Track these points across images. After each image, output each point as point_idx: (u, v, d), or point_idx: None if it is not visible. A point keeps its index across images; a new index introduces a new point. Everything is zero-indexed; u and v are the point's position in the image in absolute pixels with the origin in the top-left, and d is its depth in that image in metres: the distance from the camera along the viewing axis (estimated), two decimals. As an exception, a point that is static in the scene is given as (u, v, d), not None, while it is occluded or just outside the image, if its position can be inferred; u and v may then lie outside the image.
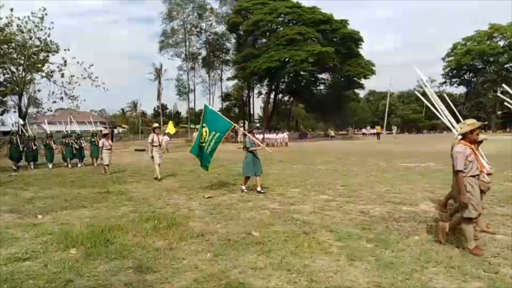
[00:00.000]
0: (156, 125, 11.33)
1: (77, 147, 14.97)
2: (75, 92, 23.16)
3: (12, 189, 9.22)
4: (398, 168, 12.46)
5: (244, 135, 8.64)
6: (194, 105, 61.71)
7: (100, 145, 12.37)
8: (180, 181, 10.04)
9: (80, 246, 4.37)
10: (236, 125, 8.98)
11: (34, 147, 14.39)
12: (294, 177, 10.38)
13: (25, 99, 23.86)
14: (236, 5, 45.91)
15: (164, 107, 69.61)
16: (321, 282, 3.33)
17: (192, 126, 57.04)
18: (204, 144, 8.35)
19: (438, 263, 3.73)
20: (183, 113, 73.13)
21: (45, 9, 21.15)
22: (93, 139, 15.46)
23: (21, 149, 13.96)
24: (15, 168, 13.72)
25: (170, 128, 26.28)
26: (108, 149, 12.30)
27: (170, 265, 3.78)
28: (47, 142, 14.77)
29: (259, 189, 7.90)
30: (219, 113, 8.78)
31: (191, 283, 3.36)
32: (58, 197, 7.79)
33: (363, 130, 62.19)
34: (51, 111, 27.09)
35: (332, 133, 50.97)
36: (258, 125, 9.31)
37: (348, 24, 43.63)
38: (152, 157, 10.40)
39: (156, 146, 10.39)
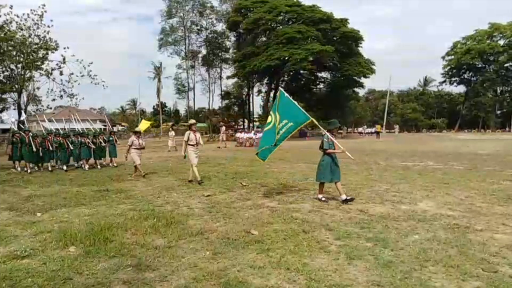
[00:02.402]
0: (192, 121, 10.29)
1: (93, 146, 14.31)
2: (75, 90, 23.13)
3: (11, 187, 9.21)
4: (397, 167, 12.46)
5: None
6: (194, 103, 61.73)
7: (129, 143, 11.19)
8: (180, 179, 10.02)
9: (79, 244, 4.37)
10: (313, 119, 7.70)
11: (51, 148, 13.23)
12: (294, 175, 10.38)
13: (24, 97, 23.84)
14: (236, 3, 45.83)
15: (163, 105, 69.58)
16: (320, 280, 3.33)
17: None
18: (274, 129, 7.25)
19: (437, 262, 3.74)
20: (182, 111, 73.12)
21: (44, 5, 21.09)
22: (111, 138, 14.81)
23: (34, 148, 12.70)
24: (18, 169, 12.92)
25: (142, 126, 23.31)
26: (139, 148, 11.25)
27: (169, 263, 3.78)
28: (61, 141, 13.54)
29: (343, 197, 6.64)
30: (296, 103, 7.66)
31: (190, 281, 3.36)
32: (57, 195, 7.78)
33: (360, 129, 62.21)
34: (51, 108, 27.06)
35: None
36: (339, 125, 7.77)
37: (348, 23, 43.56)
38: (185, 157, 9.59)
39: (193, 145, 9.43)
